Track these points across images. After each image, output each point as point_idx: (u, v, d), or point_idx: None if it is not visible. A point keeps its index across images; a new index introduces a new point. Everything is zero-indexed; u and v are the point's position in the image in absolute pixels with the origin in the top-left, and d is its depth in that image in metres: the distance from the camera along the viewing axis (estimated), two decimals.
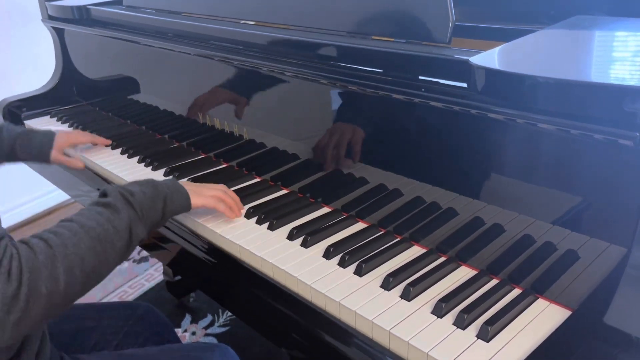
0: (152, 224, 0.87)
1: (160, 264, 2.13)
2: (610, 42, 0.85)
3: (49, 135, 1.25)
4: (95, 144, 1.38)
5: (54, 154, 1.24)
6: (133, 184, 0.89)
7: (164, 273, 1.99)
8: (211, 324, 1.84)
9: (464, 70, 0.75)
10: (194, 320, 1.86)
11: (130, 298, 1.98)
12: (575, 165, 0.72)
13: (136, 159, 1.32)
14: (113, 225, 0.79)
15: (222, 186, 1.03)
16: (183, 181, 1.00)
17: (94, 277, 0.75)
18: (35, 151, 1.22)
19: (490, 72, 0.70)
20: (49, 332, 0.84)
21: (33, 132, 1.25)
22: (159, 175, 1.23)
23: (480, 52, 0.78)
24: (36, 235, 0.73)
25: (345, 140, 1.00)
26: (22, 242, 0.70)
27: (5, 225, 2.39)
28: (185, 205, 0.94)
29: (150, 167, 1.26)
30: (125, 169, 1.28)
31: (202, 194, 0.97)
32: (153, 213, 0.87)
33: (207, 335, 1.79)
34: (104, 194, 0.85)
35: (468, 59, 0.74)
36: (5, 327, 0.64)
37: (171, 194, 0.91)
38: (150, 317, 1.13)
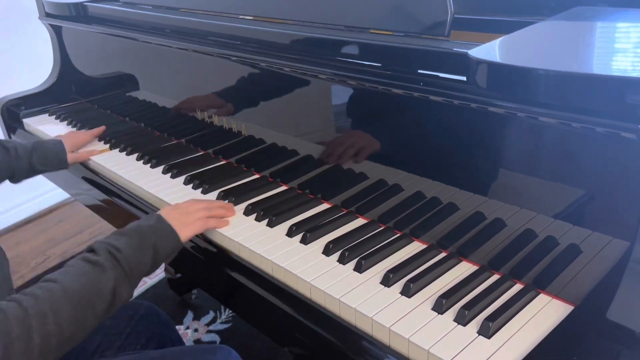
0: (140, 277, 0.84)
1: None
2: (611, 34, 0.84)
3: (59, 143, 1.29)
4: (96, 137, 1.42)
5: (70, 157, 1.29)
6: (119, 236, 0.84)
7: (166, 270, 1.99)
8: (213, 321, 1.84)
9: (464, 63, 0.74)
10: (196, 317, 1.86)
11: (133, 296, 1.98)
12: (577, 158, 0.71)
13: (135, 156, 1.31)
14: (97, 287, 0.77)
15: (201, 202, 0.98)
16: (165, 210, 0.94)
17: (69, 344, 0.74)
18: (54, 161, 1.26)
19: (489, 65, 0.69)
20: None
21: (44, 144, 1.28)
22: (157, 172, 1.22)
23: (479, 45, 0.76)
24: (14, 298, 0.71)
25: (344, 135, 1.00)
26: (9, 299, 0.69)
27: (5, 224, 2.43)
28: (175, 245, 0.90)
29: (149, 165, 1.26)
30: (124, 166, 1.27)
31: (187, 224, 0.92)
32: (142, 266, 0.84)
33: (209, 332, 1.79)
34: (91, 250, 0.82)
35: (467, 52, 0.73)
36: None
37: (159, 239, 0.87)
38: (152, 317, 1.13)
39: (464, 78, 0.76)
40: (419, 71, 0.83)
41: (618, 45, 0.78)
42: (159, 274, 2.09)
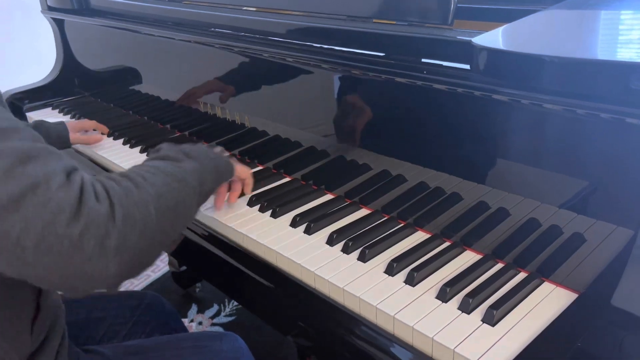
0: (212, 180, 0.82)
1: (165, 254, 2.13)
2: (615, 20, 0.84)
3: (61, 124, 1.31)
4: (98, 129, 1.42)
5: (72, 137, 1.31)
6: (179, 150, 0.81)
7: (169, 263, 2.00)
8: (217, 314, 1.84)
9: (467, 51, 0.74)
10: (201, 310, 1.86)
11: (136, 289, 1.99)
12: (581, 146, 0.71)
13: (138, 148, 1.31)
14: (179, 166, 0.74)
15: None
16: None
17: (177, 216, 0.69)
18: (55, 139, 1.26)
19: (493, 53, 0.69)
20: None
21: (46, 124, 1.28)
22: None
23: (483, 33, 0.76)
24: (110, 174, 0.67)
25: (348, 125, 1.00)
26: (98, 179, 0.64)
27: None
28: (230, 169, 0.91)
29: None
30: (128, 159, 1.27)
31: (239, 168, 0.95)
32: (208, 173, 0.81)
33: (213, 324, 1.80)
34: (158, 150, 0.81)
35: (471, 40, 0.72)
36: (108, 254, 0.57)
37: (213, 160, 0.84)
38: (157, 306, 1.14)
39: (468, 66, 0.76)
40: (423, 60, 0.83)
41: (622, 32, 0.78)
42: (163, 267, 2.10)
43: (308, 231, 0.92)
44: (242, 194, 1.05)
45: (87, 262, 0.56)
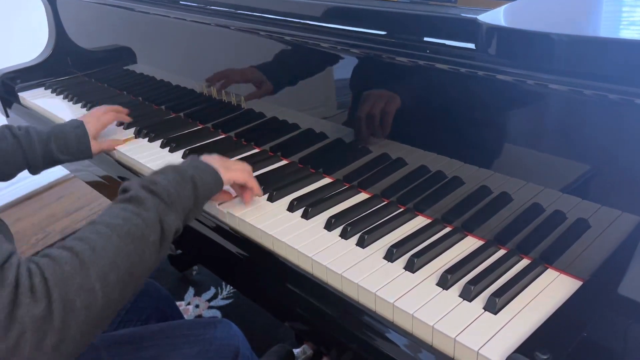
0: (184, 212, 0.77)
1: None
2: None
3: (79, 127, 1.10)
4: (119, 119, 1.27)
5: (94, 146, 1.12)
6: (153, 174, 0.78)
7: None
8: (214, 297, 1.83)
9: (472, 30, 0.71)
10: (197, 293, 1.86)
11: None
12: (587, 128, 0.68)
13: (132, 130, 1.28)
14: (142, 218, 0.69)
15: (245, 164, 0.94)
16: (204, 156, 0.89)
17: (131, 281, 0.66)
18: (74, 149, 1.09)
19: (501, 31, 0.66)
20: None
21: (63, 128, 1.10)
22: (155, 146, 1.20)
23: (488, 11, 0.73)
24: (59, 245, 0.64)
25: (347, 107, 0.97)
26: (43, 255, 0.62)
27: (6, 201, 2.42)
28: (217, 183, 0.84)
29: (147, 139, 1.23)
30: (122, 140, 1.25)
31: (230, 169, 0.87)
32: (183, 199, 0.76)
33: (210, 307, 1.79)
34: (124, 190, 0.75)
35: (476, 18, 0.69)
36: (47, 353, 0.56)
37: (198, 174, 0.81)
38: (152, 292, 1.13)
39: (472, 45, 0.73)
40: (425, 39, 0.80)
41: (629, 10, 0.75)
42: None
43: (305, 216, 0.90)
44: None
45: None
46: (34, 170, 1.09)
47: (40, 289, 0.56)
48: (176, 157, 1.15)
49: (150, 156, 1.16)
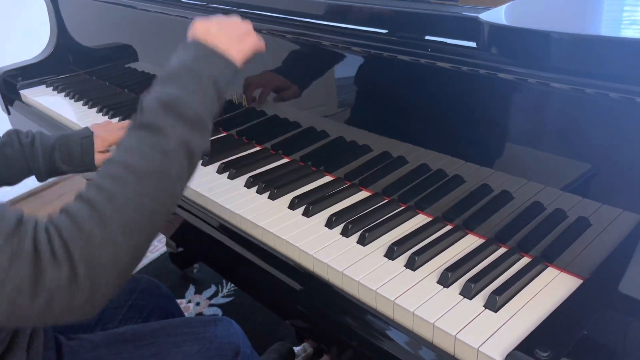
0: (210, 118, 0.70)
1: (162, 235, 2.12)
2: None
3: (87, 140, 1.06)
4: None
5: (97, 158, 1.07)
6: (168, 81, 0.69)
7: (167, 244, 1.99)
8: (215, 295, 1.83)
9: (473, 28, 0.71)
10: (198, 291, 1.86)
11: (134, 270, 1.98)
12: (588, 127, 0.69)
13: None
14: (162, 150, 0.63)
15: (245, 22, 0.82)
16: (200, 28, 0.77)
17: (157, 219, 0.62)
18: (77, 161, 1.05)
19: (502, 29, 0.66)
20: None
21: (70, 137, 1.06)
22: None
23: (490, 9, 0.73)
24: (78, 194, 0.60)
25: (348, 105, 0.97)
26: (61, 210, 0.59)
27: (9, 197, 2.42)
28: (233, 71, 0.74)
29: None
30: None
31: (237, 41, 0.76)
32: (208, 105, 0.69)
33: (211, 305, 1.79)
34: (141, 109, 0.68)
35: (478, 16, 0.69)
36: (80, 307, 0.56)
37: (214, 67, 0.71)
38: (153, 291, 1.12)
39: (474, 44, 0.73)
40: (427, 37, 0.80)
41: (631, 9, 0.75)
42: (160, 248, 2.09)
43: (307, 214, 0.90)
44: (240, 175, 1.03)
45: (61, 318, 0.57)
46: (39, 178, 1.07)
47: (61, 253, 0.55)
48: None
49: None
